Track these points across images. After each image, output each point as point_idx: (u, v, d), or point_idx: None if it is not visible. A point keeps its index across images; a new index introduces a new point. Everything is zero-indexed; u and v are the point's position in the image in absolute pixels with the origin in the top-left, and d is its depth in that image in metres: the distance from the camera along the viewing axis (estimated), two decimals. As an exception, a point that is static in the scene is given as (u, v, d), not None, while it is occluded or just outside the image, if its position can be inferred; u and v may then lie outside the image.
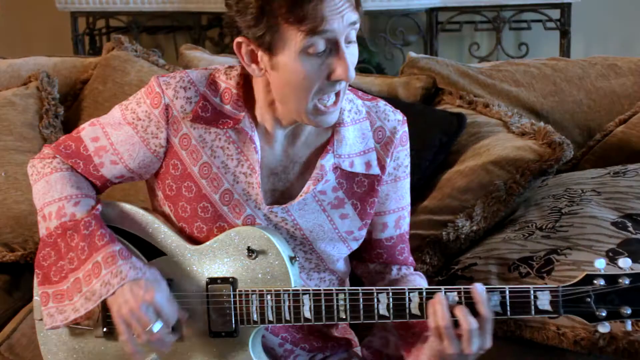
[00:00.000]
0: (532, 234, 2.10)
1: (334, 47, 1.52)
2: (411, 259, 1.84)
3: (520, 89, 2.56)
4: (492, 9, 4.23)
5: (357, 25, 1.55)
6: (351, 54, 1.55)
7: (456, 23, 4.40)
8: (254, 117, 1.66)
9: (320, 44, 1.51)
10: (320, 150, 1.69)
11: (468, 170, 2.28)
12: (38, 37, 5.15)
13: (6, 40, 5.16)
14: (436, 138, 2.33)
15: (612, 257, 1.94)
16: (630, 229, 2.01)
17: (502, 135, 2.36)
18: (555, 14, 4.26)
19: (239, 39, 1.56)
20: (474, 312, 1.54)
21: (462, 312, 1.53)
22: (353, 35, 1.55)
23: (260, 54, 1.55)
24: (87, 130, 1.75)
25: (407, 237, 1.82)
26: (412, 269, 1.84)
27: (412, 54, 2.69)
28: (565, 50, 4.24)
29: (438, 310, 1.54)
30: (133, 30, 4.57)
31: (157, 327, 1.60)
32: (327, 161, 1.67)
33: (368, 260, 1.81)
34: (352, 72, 1.54)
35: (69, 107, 2.79)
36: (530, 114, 2.52)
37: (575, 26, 4.27)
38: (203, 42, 4.46)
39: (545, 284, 1.95)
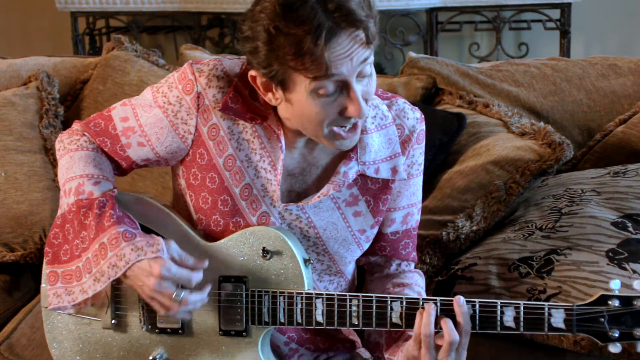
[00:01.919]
0: (532, 234, 2.09)
1: (345, 87, 1.52)
2: (414, 254, 1.83)
3: (520, 89, 2.56)
4: (492, 9, 4.23)
5: (371, 59, 1.53)
6: (365, 88, 1.55)
7: (456, 23, 4.40)
8: (279, 117, 1.65)
9: (330, 86, 1.51)
10: (342, 157, 1.69)
11: (468, 170, 2.28)
12: (38, 37, 5.15)
13: (6, 40, 5.17)
14: (436, 138, 2.33)
15: (612, 257, 1.94)
16: (630, 229, 2.01)
17: (502, 135, 2.36)
18: (555, 14, 4.26)
19: (252, 73, 1.57)
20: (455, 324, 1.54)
21: (447, 324, 1.53)
22: (368, 70, 1.54)
23: (274, 86, 1.56)
24: (117, 109, 1.74)
25: (415, 233, 1.82)
26: (412, 265, 1.84)
27: (412, 54, 2.69)
28: (565, 50, 4.24)
29: (424, 318, 1.54)
30: (133, 30, 4.57)
31: (180, 294, 1.59)
32: (350, 168, 1.67)
33: (370, 253, 1.81)
34: (365, 109, 1.54)
35: (69, 107, 2.78)
36: (530, 114, 2.51)
37: (575, 26, 4.28)
38: (203, 42, 4.47)
39: (545, 284, 1.95)
